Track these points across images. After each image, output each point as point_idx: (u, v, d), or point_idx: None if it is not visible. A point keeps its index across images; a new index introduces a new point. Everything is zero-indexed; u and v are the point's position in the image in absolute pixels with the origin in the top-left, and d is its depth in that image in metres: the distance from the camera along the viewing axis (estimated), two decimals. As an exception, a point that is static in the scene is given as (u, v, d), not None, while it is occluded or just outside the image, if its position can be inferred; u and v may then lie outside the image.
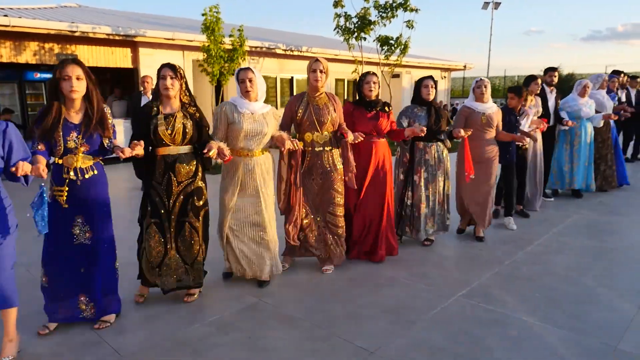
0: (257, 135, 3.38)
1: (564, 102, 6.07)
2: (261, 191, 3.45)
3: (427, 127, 4.07)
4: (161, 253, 3.14)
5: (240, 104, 3.37)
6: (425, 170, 4.28)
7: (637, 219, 5.35)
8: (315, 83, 3.62)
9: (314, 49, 14.02)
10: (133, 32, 10.10)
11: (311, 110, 3.63)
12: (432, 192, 4.34)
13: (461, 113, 4.56)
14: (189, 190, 3.13)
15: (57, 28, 9.10)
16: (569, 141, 6.13)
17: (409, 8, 12.04)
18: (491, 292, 3.45)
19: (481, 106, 4.46)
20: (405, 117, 4.31)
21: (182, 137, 3.09)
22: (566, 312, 3.12)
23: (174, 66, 3.09)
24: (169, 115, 3.07)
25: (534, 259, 4.12)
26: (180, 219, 3.14)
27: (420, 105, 4.31)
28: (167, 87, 3.03)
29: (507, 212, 5.13)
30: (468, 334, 2.86)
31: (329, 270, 3.81)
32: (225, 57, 10.09)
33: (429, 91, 4.26)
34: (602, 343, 2.73)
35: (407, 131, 3.99)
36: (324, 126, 3.64)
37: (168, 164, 3.08)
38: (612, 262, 4.05)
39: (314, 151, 3.67)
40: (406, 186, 4.34)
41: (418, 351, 2.67)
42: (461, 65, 20.63)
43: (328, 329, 2.93)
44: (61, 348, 2.70)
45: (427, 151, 4.27)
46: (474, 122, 4.44)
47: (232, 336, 2.84)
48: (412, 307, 3.21)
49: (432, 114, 4.23)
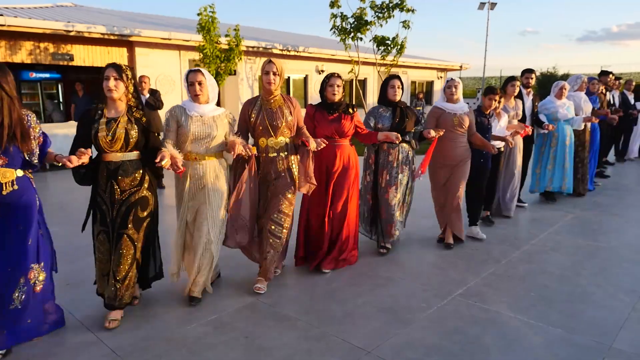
0: (205, 138, 3.21)
1: (542, 105, 5.93)
2: (209, 197, 3.26)
3: (392, 128, 4.02)
4: (104, 263, 2.98)
5: (189, 107, 3.23)
6: (387, 172, 4.14)
7: (630, 219, 5.39)
8: (268, 86, 3.41)
9: (310, 49, 14.03)
10: (129, 31, 10.08)
11: (264, 115, 3.44)
12: (393, 196, 4.18)
13: (432, 114, 4.41)
14: (132, 200, 2.93)
15: (52, 28, 9.08)
16: (546, 143, 6.01)
17: (406, 8, 12.10)
18: (487, 291, 3.47)
19: (452, 106, 4.33)
20: (372, 117, 4.18)
21: (124, 144, 2.88)
22: (561, 311, 3.14)
23: (119, 66, 2.90)
24: (111, 120, 2.87)
25: (530, 258, 4.14)
26: (119, 230, 2.92)
27: (386, 106, 4.16)
28: (110, 89, 2.84)
29: (473, 220, 4.79)
30: (464, 333, 2.88)
31: (262, 290, 3.45)
32: (222, 57, 10.09)
33: (396, 92, 4.12)
34: (597, 342, 2.75)
35: (380, 135, 3.91)
36: (278, 131, 3.45)
37: (110, 171, 2.89)
38: (605, 261, 4.08)
39: (267, 157, 3.47)
40: (373, 188, 4.22)
41: (414, 350, 2.68)
42: (457, 65, 20.71)
43: (324, 328, 2.94)
44: (57, 348, 2.70)
45: (391, 152, 4.12)
46: (446, 123, 4.31)
47: (229, 336, 2.84)
48: (408, 307, 3.23)
49: (397, 115, 4.09)
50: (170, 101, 11.03)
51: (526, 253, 4.27)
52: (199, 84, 3.21)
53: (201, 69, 3.28)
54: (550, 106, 5.86)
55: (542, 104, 5.93)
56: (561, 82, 5.92)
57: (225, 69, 10.23)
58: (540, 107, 5.90)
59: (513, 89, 5.29)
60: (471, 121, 4.41)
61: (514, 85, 5.28)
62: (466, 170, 4.42)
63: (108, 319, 2.95)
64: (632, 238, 4.69)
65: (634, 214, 5.58)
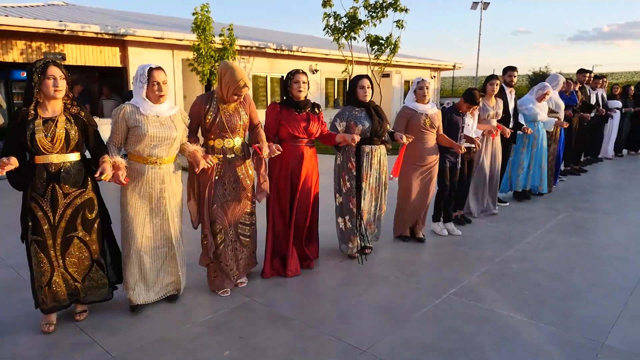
0: (165, 140, 2.99)
1: (520, 104, 5.90)
2: (168, 204, 3.10)
3: (373, 129, 3.90)
4: (48, 272, 2.80)
5: (144, 107, 2.95)
6: (372, 175, 4.02)
7: (621, 217, 5.44)
8: (238, 98, 3.29)
9: (304, 49, 14.02)
10: (122, 31, 10.02)
11: (222, 116, 3.26)
12: (375, 198, 4.11)
13: (403, 115, 4.34)
14: (77, 202, 2.81)
15: (45, 27, 9.00)
16: (527, 144, 6.02)
17: (399, 8, 12.10)
18: (481, 290, 3.49)
19: (422, 107, 4.28)
20: (341, 119, 3.95)
21: (64, 144, 2.72)
22: (554, 309, 3.16)
23: (60, 64, 2.74)
24: (48, 120, 2.69)
25: (523, 256, 4.17)
26: (67, 234, 2.81)
27: (357, 107, 3.99)
28: (57, 89, 2.68)
29: (447, 217, 4.86)
30: (458, 331, 2.89)
31: (245, 282, 3.57)
32: (216, 56, 10.05)
33: (366, 92, 3.93)
34: (590, 339, 2.77)
35: (339, 137, 3.74)
36: (235, 132, 3.32)
37: (51, 174, 2.71)
38: (597, 259, 4.11)
39: (225, 159, 3.32)
40: (355, 194, 3.98)
41: (409, 349, 2.69)
42: (450, 64, 20.76)
43: (319, 327, 2.94)
44: (52, 350, 2.68)
45: (374, 155, 3.98)
46: (416, 124, 4.25)
47: (223, 336, 2.84)
48: (402, 306, 3.24)
49: (374, 115, 3.94)
50: (163, 101, 10.95)
51: (519, 252, 4.30)
52: (163, 83, 2.98)
53: (162, 67, 3.04)
54: (530, 107, 5.87)
55: (521, 103, 5.90)
56: (546, 87, 5.90)
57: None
58: (519, 105, 5.86)
59: (492, 88, 5.19)
60: (440, 122, 4.41)
61: (493, 84, 5.18)
62: (435, 172, 4.44)
63: (47, 321, 2.88)
64: (623, 237, 4.73)
65: (625, 213, 5.63)
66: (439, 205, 4.81)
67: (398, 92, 18.36)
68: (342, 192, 4.05)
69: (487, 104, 5.19)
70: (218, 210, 3.34)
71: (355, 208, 4.01)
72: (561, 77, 6.61)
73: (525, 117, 5.89)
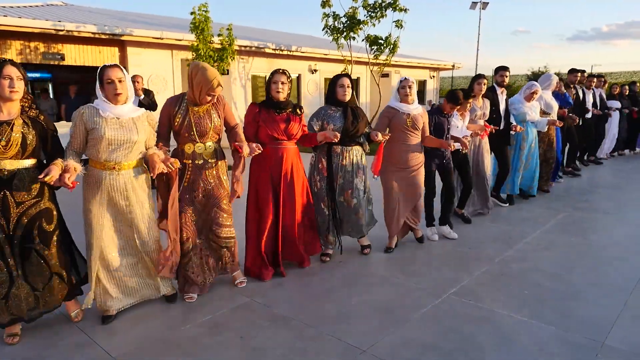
0: (124, 144, 2.83)
1: (510, 104, 5.78)
2: (133, 211, 2.95)
3: (344, 130, 3.78)
4: (6, 283, 2.65)
5: (103, 108, 2.82)
6: (342, 177, 3.92)
7: (621, 217, 5.44)
8: (211, 98, 3.12)
9: (303, 49, 14.02)
10: (120, 31, 10.01)
11: (191, 119, 3.13)
12: (347, 200, 3.96)
13: (384, 114, 4.17)
14: (32, 212, 2.64)
15: (43, 27, 8.99)
16: (516, 147, 5.93)
17: (398, 8, 12.12)
18: (481, 290, 3.49)
19: (405, 107, 4.10)
20: (317, 119, 3.88)
21: (20, 150, 2.58)
22: (554, 309, 3.16)
23: (18, 64, 2.62)
24: (3, 123, 2.55)
25: (523, 256, 4.17)
26: (25, 245, 2.66)
27: (335, 106, 3.90)
28: (13, 90, 2.55)
29: (443, 220, 4.71)
30: (458, 331, 2.89)
31: (243, 283, 3.54)
32: (215, 56, 10.05)
33: (345, 91, 3.84)
34: (590, 339, 2.77)
35: (319, 136, 3.67)
36: (206, 136, 3.17)
37: (3, 181, 2.56)
38: (597, 259, 4.11)
39: (195, 165, 3.19)
40: (325, 195, 3.95)
41: (409, 349, 2.69)
42: (450, 64, 20.78)
43: (319, 327, 2.94)
44: (50, 350, 2.68)
45: (345, 156, 3.89)
46: (398, 124, 4.09)
47: (224, 336, 2.84)
48: (402, 306, 3.24)
49: (349, 115, 3.84)
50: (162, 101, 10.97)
51: (519, 252, 4.30)
52: (119, 81, 2.80)
53: (119, 65, 2.88)
54: (519, 107, 5.79)
55: (510, 102, 5.81)
56: (534, 86, 5.80)
57: (218, 69, 10.20)
58: (509, 105, 5.77)
59: (480, 87, 5.09)
60: (425, 123, 4.22)
61: (480, 84, 5.08)
62: (421, 175, 4.24)
63: (10, 333, 2.75)
64: (623, 236, 4.73)
65: (625, 213, 5.63)
66: (428, 208, 4.65)
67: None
68: (314, 192, 3.98)
69: (474, 104, 5.09)
70: (186, 219, 3.22)
71: (327, 209, 3.95)
72: (554, 77, 6.47)
73: (514, 117, 5.80)
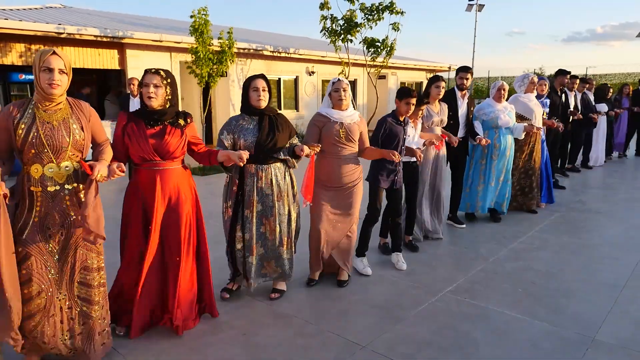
0: None
1: (478, 109, 5.07)
2: None
3: (257, 144, 3.11)
4: None
5: None
6: (259, 201, 3.20)
7: (613, 217, 5.56)
8: (51, 89, 2.33)
9: (301, 51, 14.12)
10: (120, 33, 10.09)
11: (39, 130, 2.33)
12: (271, 229, 3.24)
13: (314, 123, 3.48)
14: None
15: (43, 30, 9.08)
16: (487, 156, 5.11)
17: (395, 11, 12.23)
18: (476, 288, 3.59)
19: (338, 114, 3.43)
20: (228, 132, 3.17)
21: None
22: (547, 306, 3.27)
23: None
24: None
25: (517, 255, 4.27)
26: None
27: (249, 115, 3.22)
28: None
29: (395, 247, 4.09)
30: (454, 328, 2.99)
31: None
32: (214, 59, 10.14)
33: (260, 95, 3.14)
34: (581, 335, 2.88)
35: (221, 156, 2.91)
36: (61, 154, 2.38)
37: None
38: (589, 258, 4.22)
39: (46, 193, 2.37)
40: (237, 223, 3.22)
41: (406, 345, 2.79)
42: (446, 66, 20.90)
43: (320, 325, 3.03)
44: (60, 347, 2.75)
45: (261, 176, 3.16)
46: (330, 135, 3.41)
47: (227, 334, 2.93)
48: (400, 304, 3.33)
49: (265, 126, 3.15)
50: (161, 103, 11.02)
51: (513, 251, 4.40)
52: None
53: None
54: (489, 111, 5.02)
55: (479, 108, 5.10)
56: (499, 83, 5.05)
57: (217, 71, 10.29)
58: (476, 111, 5.08)
59: (438, 91, 4.42)
60: (362, 133, 3.57)
61: (438, 87, 4.42)
62: (357, 196, 3.58)
63: None
64: (614, 236, 4.85)
65: (617, 212, 5.74)
66: (365, 235, 3.92)
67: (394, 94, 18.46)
68: (224, 220, 3.31)
69: (431, 110, 4.44)
70: (36, 266, 2.37)
71: (239, 241, 3.24)
72: (531, 76, 5.56)
73: (484, 124, 5.03)
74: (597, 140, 8.76)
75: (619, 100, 9.60)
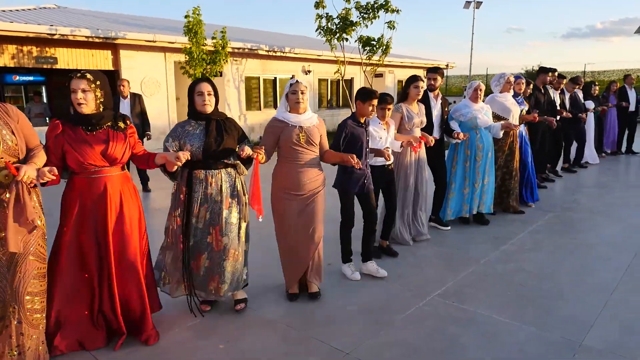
0: None
1: (454, 110, 4.96)
2: None
3: (205, 148, 2.98)
4: None
5: None
6: (207, 209, 3.05)
7: (609, 216, 5.52)
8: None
9: (296, 50, 14.07)
10: (113, 34, 10.04)
11: None
12: (216, 239, 3.08)
13: (270, 129, 3.30)
14: None
15: (36, 31, 9.04)
16: (470, 158, 4.99)
17: (390, 9, 12.18)
18: (465, 291, 3.55)
19: (296, 118, 3.27)
20: (173, 139, 3.05)
21: None
22: (536, 309, 3.23)
23: None
24: None
25: (508, 257, 4.23)
26: None
27: (195, 120, 3.09)
28: None
29: (366, 256, 3.89)
30: (442, 332, 2.95)
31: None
32: (208, 59, 10.10)
33: (205, 100, 3.00)
34: (568, 339, 2.84)
35: (159, 158, 2.82)
36: None
37: None
38: (582, 259, 4.18)
39: None
40: (184, 233, 3.06)
41: (392, 350, 2.75)
42: (444, 64, 20.83)
43: (304, 331, 2.99)
44: (40, 356, 2.72)
45: (210, 182, 3.03)
46: (289, 140, 3.25)
47: (210, 341, 2.89)
48: (387, 308, 3.29)
49: (212, 131, 3.02)
50: (155, 103, 11.04)
51: (505, 252, 4.36)
52: None
53: None
54: (466, 111, 4.90)
55: (456, 109, 4.97)
56: (475, 82, 4.97)
57: (211, 71, 10.25)
58: (452, 112, 4.97)
59: (417, 92, 4.29)
60: (322, 136, 3.43)
61: (417, 87, 4.27)
62: (320, 204, 3.40)
63: None
64: (609, 235, 4.81)
65: (613, 212, 5.70)
66: (345, 241, 3.82)
67: (391, 92, 18.42)
68: (167, 231, 3.17)
69: (411, 111, 4.34)
70: None
71: (183, 252, 3.08)
72: (507, 76, 5.45)
73: (462, 125, 4.89)
74: (588, 138, 8.72)
75: (606, 97, 9.59)
